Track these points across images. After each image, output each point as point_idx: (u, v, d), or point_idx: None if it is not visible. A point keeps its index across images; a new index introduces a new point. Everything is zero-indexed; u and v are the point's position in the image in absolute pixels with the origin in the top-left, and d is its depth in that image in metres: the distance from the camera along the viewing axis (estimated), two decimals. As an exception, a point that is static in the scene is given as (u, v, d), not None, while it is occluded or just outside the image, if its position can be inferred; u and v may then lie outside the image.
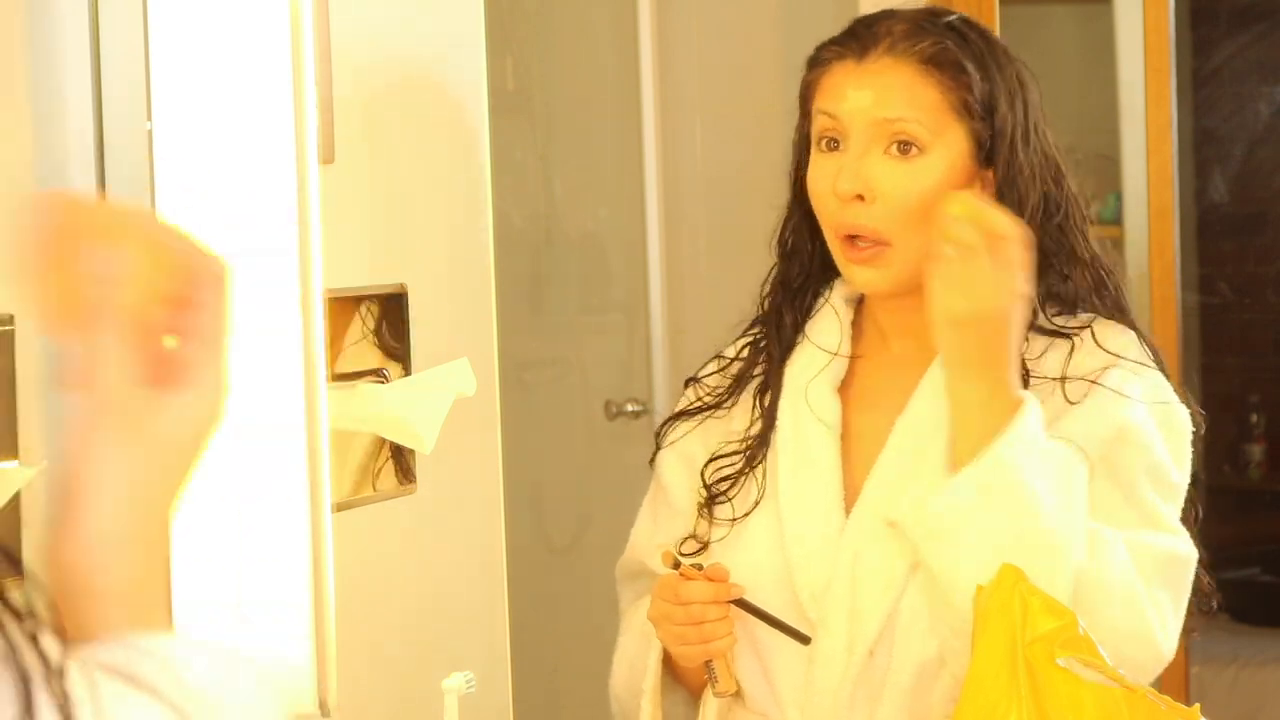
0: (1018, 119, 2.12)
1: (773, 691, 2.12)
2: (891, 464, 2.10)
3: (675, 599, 2.05)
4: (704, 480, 2.18)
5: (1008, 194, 2.10)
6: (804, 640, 2.05)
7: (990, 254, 1.97)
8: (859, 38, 2.14)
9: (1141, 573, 2.03)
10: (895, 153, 2.09)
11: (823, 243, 2.18)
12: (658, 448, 2.27)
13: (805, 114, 2.19)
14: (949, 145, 2.09)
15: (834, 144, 2.12)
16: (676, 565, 2.06)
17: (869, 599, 2.07)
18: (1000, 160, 2.11)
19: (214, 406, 1.05)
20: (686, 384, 2.29)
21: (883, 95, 2.10)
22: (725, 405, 2.23)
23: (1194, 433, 2.13)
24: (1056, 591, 1.95)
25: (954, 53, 2.11)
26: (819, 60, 2.18)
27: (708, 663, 2.09)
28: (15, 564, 1.05)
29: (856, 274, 2.11)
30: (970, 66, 2.10)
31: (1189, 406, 2.12)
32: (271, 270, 1.83)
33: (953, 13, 2.18)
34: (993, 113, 2.11)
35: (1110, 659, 1.95)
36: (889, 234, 2.08)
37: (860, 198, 2.08)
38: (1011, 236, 1.98)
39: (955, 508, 1.99)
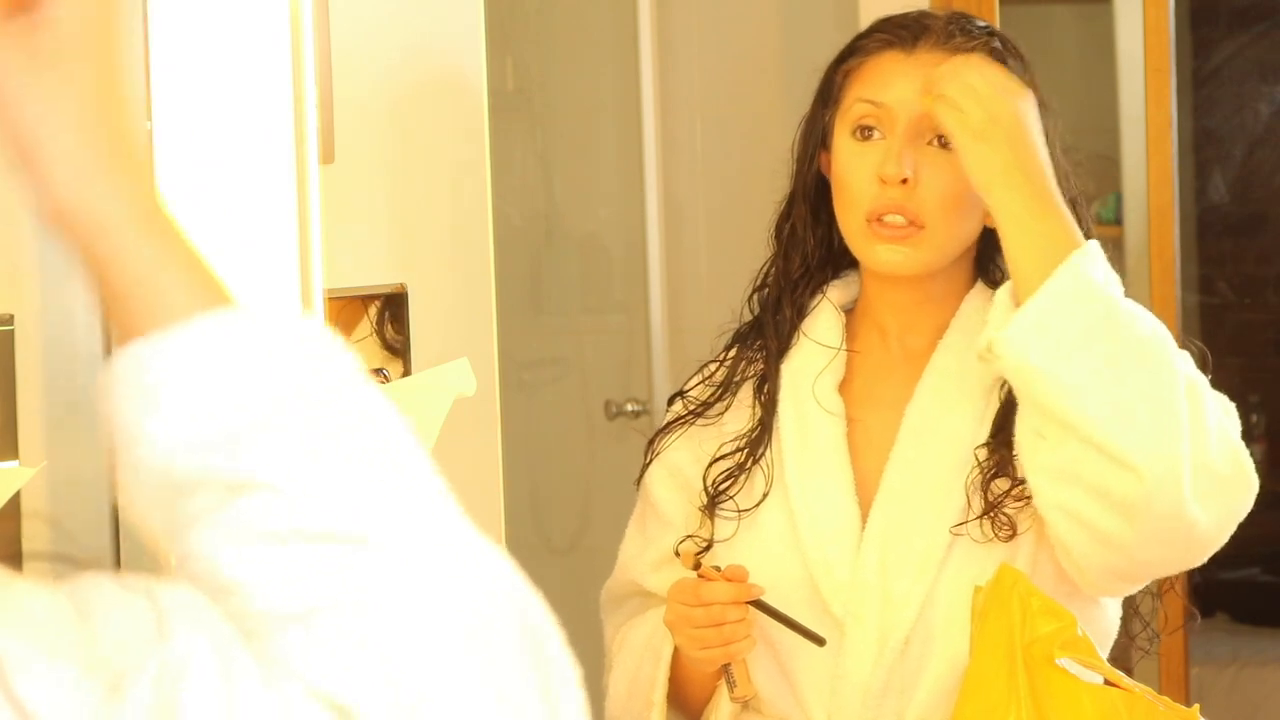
0: (1045, 125, 2.13)
1: (794, 691, 2.11)
2: (907, 453, 2.11)
3: (695, 600, 2.03)
4: (705, 483, 2.17)
5: None
6: (819, 641, 2.03)
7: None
8: (907, 27, 2.15)
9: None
10: (937, 145, 2.10)
11: (825, 235, 2.19)
12: (644, 466, 2.26)
13: (832, 102, 2.18)
14: None
15: (869, 132, 2.12)
16: (697, 566, 2.04)
17: (901, 587, 2.06)
18: None
19: None
20: (671, 400, 2.29)
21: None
22: (714, 410, 2.22)
23: None
24: (1170, 396, 1.93)
25: (1000, 53, 2.13)
26: (860, 49, 2.17)
27: (725, 667, 2.08)
28: None
29: (883, 254, 2.10)
30: (1012, 66, 2.12)
31: None
32: (271, 270, 1.83)
33: (984, 21, 2.21)
34: None
35: (1220, 469, 1.95)
36: (926, 218, 2.09)
37: (904, 182, 2.08)
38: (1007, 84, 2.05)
39: (1044, 317, 1.96)
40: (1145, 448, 1.92)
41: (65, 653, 0.83)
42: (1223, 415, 2.00)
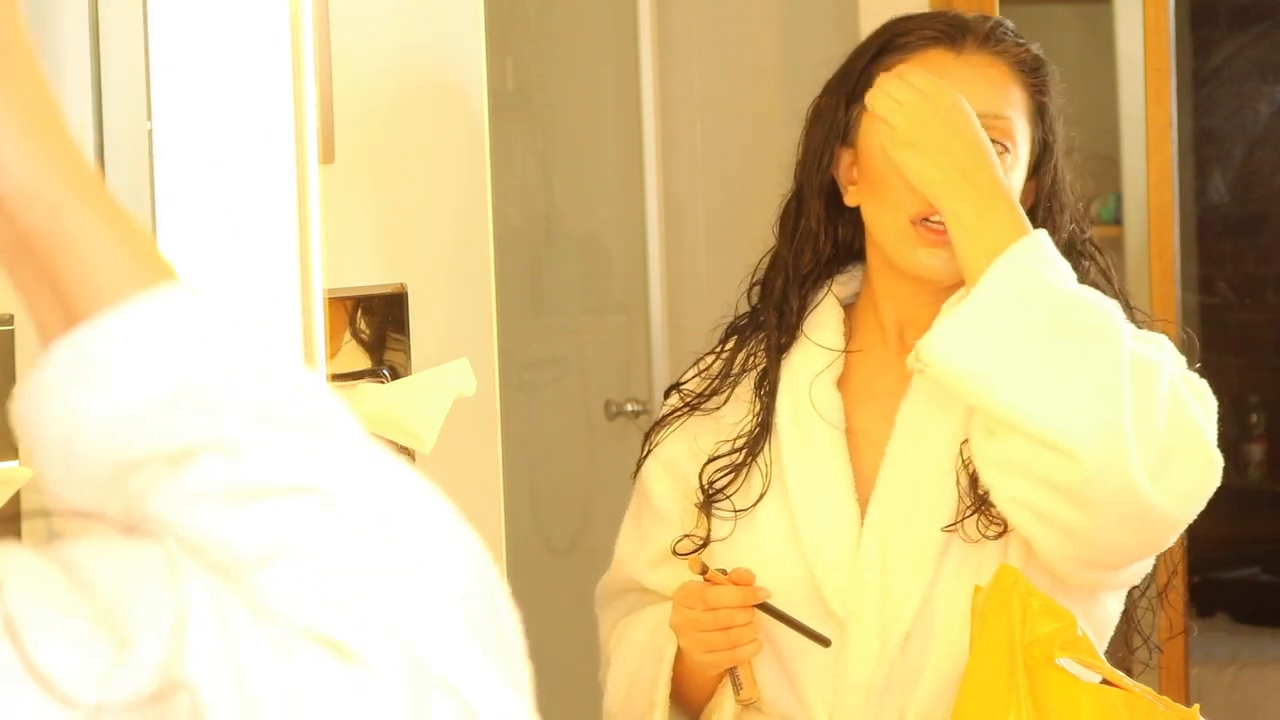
0: (1064, 133, 2.15)
1: (795, 690, 2.10)
2: (902, 448, 2.11)
3: (702, 604, 2.03)
4: (702, 480, 2.17)
5: (1053, 204, 2.12)
6: (824, 642, 2.03)
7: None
8: (954, 25, 2.14)
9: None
10: None
11: (840, 229, 2.18)
12: (640, 460, 2.25)
13: (863, 96, 2.15)
14: (1026, 147, 2.11)
15: None
16: (704, 571, 2.04)
17: (901, 584, 2.06)
18: (1048, 172, 2.12)
19: None
20: (667, 393, 2.28)
21: (983, 90, 2.10)
22: (712, 403, 2.21)
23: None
24: (1108, 377, 1.93)
25: (1041, 61, 2.14)
26: (903, 44, 2.14)
27: (730, 670, 2.07)
28: None
29: (927, 257, 2.09)
30: (1050, 76, 2.13)
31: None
32: (271, 270, 1.83)
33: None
34: (1053, 124, 2.13)
35: (1163, 439, 1.94)
36: None
37: None
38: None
39: (969, 321, 1.98)
40: (1081, 433, 1.92)
41: (70, 610, 0.84)
42: (1187, 392, 1.99)
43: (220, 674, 0.84)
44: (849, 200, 2.17)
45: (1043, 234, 2.02)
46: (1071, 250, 2.12)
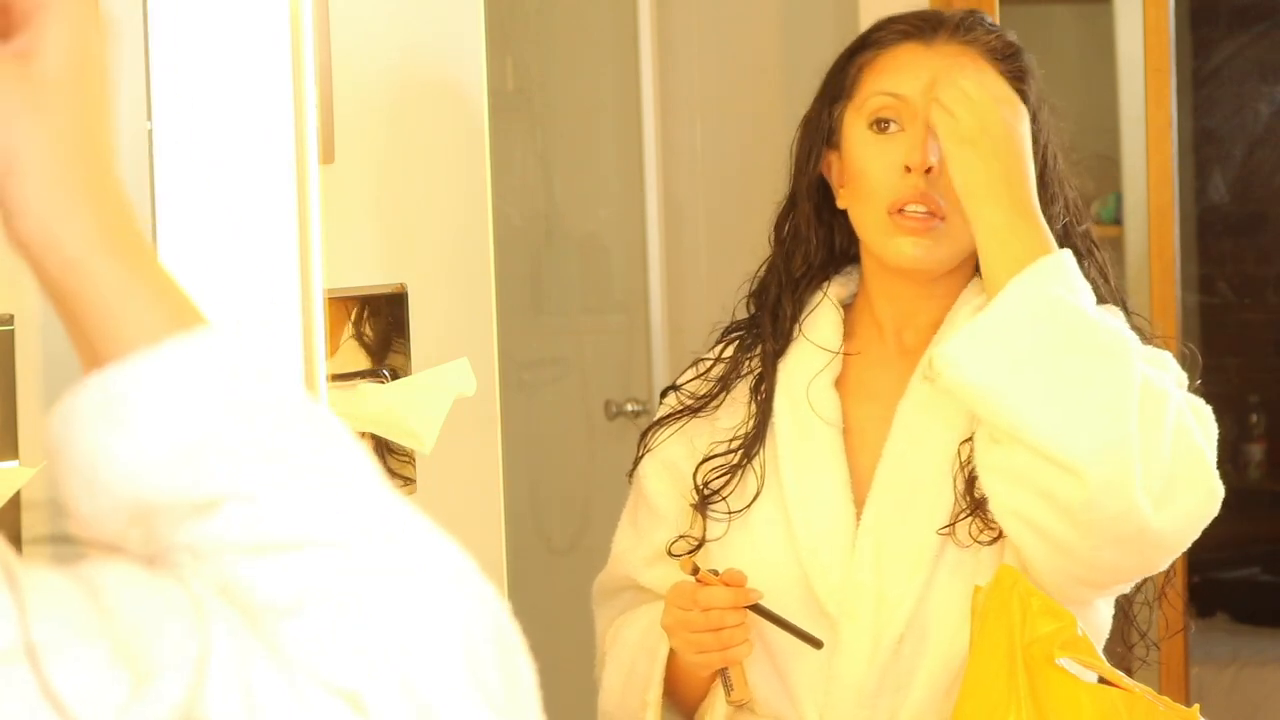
0: (1053, 124, 2.15)
1: (787, 691, 2.10)
2: (899, 449, 2.11)
3: (694, 605, 2.03)
4: (696, 481, 2.17)
5: (1042, 195, 2.12)
6: (816, 644, 2.03)
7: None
8: (925, 20, 2.15)
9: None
10: None
11: (828, 235, 2.19)
12: (637, 459, 2.26)
13: (844, 95, 2.17)
14: None
15: (886, 125, 2.12)
16: (695, 571, 2.04)
17: (895, 587, 2.06)
18: (1035, 161, 2.13)
19: (83, 23, 0.94)
20: (664, 393, 2.28)
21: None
22: (710, 406, 2.21)
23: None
24: (1119, 402, 1.94)
25: (1016, 48, 2.14)
26: (876, 41, 2.16)
27: (722, 671, 2.07)
28: None
29: (906, 247, 2.10)
30: (1027, 63, 2.14)
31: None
32: (271, 270, 1.83)
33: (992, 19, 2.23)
34: (1035, 114, 2.13)
35: (1167, 468, 1.94)
36: (947, 209, 2.09)
37: (929, 171, 2.09)
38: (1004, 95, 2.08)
39: (986, 335, 1.99)
40: (1087, 453, 1.93)
41: (93, 637, 0.84)
42: (1191, 419, 1.99)
43: (237, 718, 0.84)
44: (840, 202, 2.18)
45: (1067, 254, 2.03)
46: (1067, 245, 2.12)
